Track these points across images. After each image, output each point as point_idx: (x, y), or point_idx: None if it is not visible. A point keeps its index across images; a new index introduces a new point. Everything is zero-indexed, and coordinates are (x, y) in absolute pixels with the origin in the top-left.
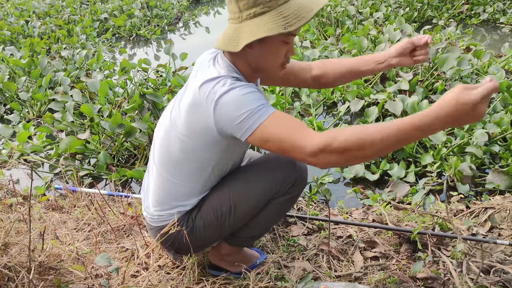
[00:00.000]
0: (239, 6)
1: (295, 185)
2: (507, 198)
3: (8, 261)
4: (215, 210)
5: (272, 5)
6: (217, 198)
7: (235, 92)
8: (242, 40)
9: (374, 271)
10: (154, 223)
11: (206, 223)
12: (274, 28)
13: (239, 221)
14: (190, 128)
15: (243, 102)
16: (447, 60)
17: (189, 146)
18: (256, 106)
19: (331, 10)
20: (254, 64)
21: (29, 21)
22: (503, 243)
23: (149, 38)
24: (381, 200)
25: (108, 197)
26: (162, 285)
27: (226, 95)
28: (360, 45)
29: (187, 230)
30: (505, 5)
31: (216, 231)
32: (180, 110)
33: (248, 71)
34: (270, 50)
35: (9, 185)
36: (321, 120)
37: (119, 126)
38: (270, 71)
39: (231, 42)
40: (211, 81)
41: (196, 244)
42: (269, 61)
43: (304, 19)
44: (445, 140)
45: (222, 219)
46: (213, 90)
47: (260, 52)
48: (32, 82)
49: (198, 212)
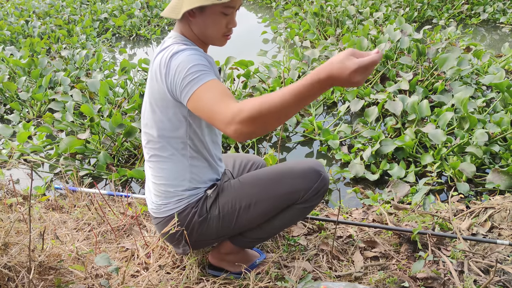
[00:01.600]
0: None
1: (317, 194)
2: (507, 198)
3: (8, 261)
4: (234, 203)
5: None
6: (238, 192)
7: (184, 52)
8: (182, 9)
9: (374, 271)
10: (158, 214)
11: (221, 215)
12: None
13: (255, 219)
14: (154, 100)
15: (190, 60)
16: (447, 60)
17: (159, 122)
18: (199, 70)
19: (331, 10)
20: (198, 32)
21: (29, 21)
22: (503, 243)
23: (149, 38)
24: (381, 200)
25: (108, 197)
26: (162, 285)
27: (176, 56)
28: (360, 45)
29: (200, 220)
30: (505, 5)
31: (229, 225)
32: (148, 87)
33: (195, 39)
34: (211, 19)
35: (9, 185)
36: (321, 120)
37: (119, 126)
38: (214, 40)
39: (173, 10)
40: (163, 50)
41: (209, 236)
42: (211, 30)
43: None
44: (445, 140)
45: (240, 213)
46: (164, 56)
47: (202, 21)
48: (32, 82)
49: (214, 203)
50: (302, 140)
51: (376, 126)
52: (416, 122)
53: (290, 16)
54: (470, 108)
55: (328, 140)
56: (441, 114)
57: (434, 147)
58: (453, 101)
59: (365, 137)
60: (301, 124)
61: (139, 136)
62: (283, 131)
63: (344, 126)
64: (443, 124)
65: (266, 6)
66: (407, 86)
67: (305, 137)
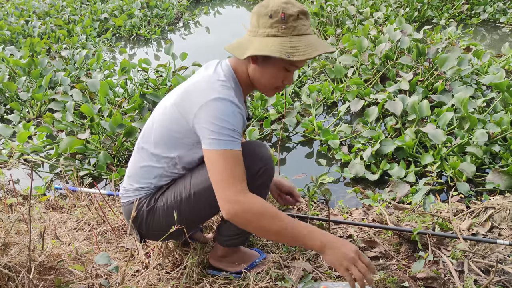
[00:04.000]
0: (258, 22)
1: (258, 173)
2: (507, 198)
3: (8, 261)
4: (176, 195)
5: (286, 32)
6: (180, 184)
7: (228, 105)
8: (248, 51)
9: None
10: (122, 199)
11: (165, 206)
12: (278, 52)
13: (202, 210)
14: (177, 108)
15: (228, 117)
16: (447, 60)
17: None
18: (230, 134)
19: (331, 10)
20: (252, 77)
21: (29, 21)
22: (503, 243)
23: (149, 38)
24: (381, 200)
25: (108, 197)
26: (162, 285)
27: (220, 101)
28: (360, 45)
29: (147, 209)
30: (505, 5)
31: (174, 216)
32: (177, 94)
33: (246, 81)
34: (270, 70)
35: (9, 185)
36: (321, 120)
37: (119, 126)
38: (263, 89)
39: (239, 49)
40: (210, 81)
41: (158, 227)
42: (266, 79)
43: (307, 55)
44: (445, 140)
45: (181, 204)
46: (208, 89)
47: (261, 69)
48: (32, 82)
49: (161, 195)
50: (302, 140)
51: (376, 126)
52: (416, 122)
53: None
54: (470, 108)
55: (328, 140)
56: (441, 114)
57: (434, 147)
58: (453, 101)
59: (365, 137)
60: (301, 124)
61: (139, 136)
62: (283, 131)
63: (344, 126)
64: (443, 124)
65: None
66: (407, 86)
67: (305, 137)
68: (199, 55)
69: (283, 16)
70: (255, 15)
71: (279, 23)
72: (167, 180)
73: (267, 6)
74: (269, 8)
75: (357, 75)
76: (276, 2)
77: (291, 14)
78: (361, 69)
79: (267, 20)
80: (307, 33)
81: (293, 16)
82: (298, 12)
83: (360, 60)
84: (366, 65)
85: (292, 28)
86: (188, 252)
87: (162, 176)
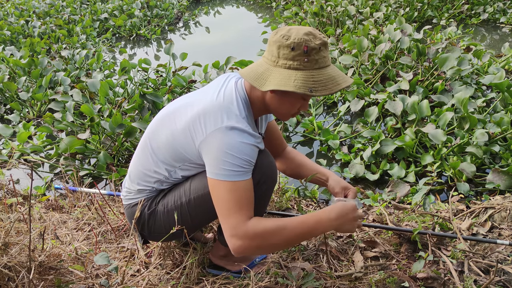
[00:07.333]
0: (278, 53)
1: (258, 185)
2: (507, 198)
3: (8, 261)
4: (176, 199)
5: (307, 66)
6: (180, 188)
7: (241, 138)
8: (270, 84)
9: (374, 271)
10: (124, 201)
11: (165, 209)
12: (302, 87)
13: (203, 215)
14: (185, 125)
15: (239, 151)
16: (447, 60)
17: (175, 135)
18: (239, 166)
19: (331, 10)
20: (269, 105)
21: (29, 21)
22: (503, 243)
23: (149, 38)
24: (381, 200)
25: (108, 197)
26: (162, 285)
27: (230, 132)
28: (360, 45)
29: (149, 212)
30: (505, 5)
31: (175, 220)
32: (186, 110)
33: (260, 107)
34: (289, 101)
35: (9, 185)
36: (321, 120)
37: (119, 126)
38: (280, 116)
39: (258, 79)
40: (222, 108)
41: (160, 230)
42: (284, 109)
43: (329, 90)
44: (445, 140)
45: (182, 209)
46: (221, 117)
47: (279, 99)
48: (32, 82)
49: (161, 198)
50: (302, 140)
51: (376, 126)
52: (416, 122)
53: (290, 16)
54: (470, 108)
55: (328, 140)
56: (441, 114)
57: (434, 147)
58: (453, 101)
59: (365, 137)
60: (301, 124)
61: (139, 136)
62: (283, 131)
63: (344, 126)
64: (443, 124)
65: (266, 6)
66: (407, 86)
67: (305, 137)
68: (199, 55)
69: (306, 50)
70: (276, 45)
71: (301, 56)
72: (167, 185)
73: (289, 38)
74: (290, 40)
75: (357, 75)
76: (299, 34)
77: (314, 47)
78: (361, 69)
79: (289, 52)
80: (327, 65)
81: (316, 50)
82: (320, 44)
83: (360, 60)
84: (366, 65)
85: (314, 62)
86: (188, 252)
87: (163, 182)
